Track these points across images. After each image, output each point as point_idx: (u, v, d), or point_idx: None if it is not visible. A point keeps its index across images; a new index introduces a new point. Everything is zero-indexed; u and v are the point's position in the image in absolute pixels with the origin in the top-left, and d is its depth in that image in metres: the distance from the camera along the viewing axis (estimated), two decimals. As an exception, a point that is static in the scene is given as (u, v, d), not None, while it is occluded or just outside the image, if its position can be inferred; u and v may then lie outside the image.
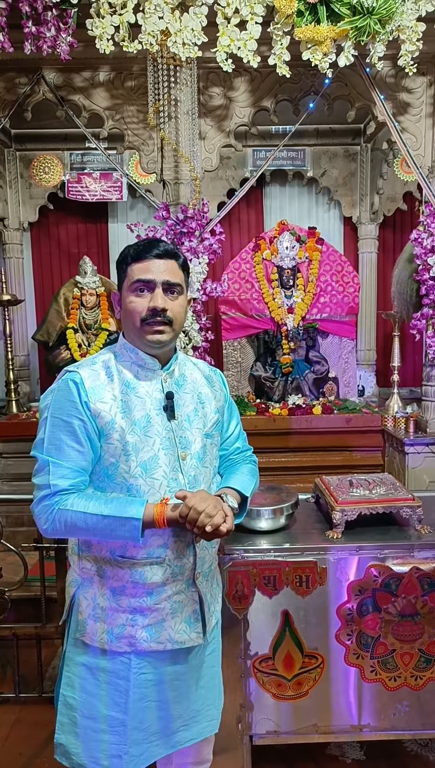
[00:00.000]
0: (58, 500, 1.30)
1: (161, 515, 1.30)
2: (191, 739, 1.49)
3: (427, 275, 3.21)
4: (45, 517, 1.31)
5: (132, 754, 1.39)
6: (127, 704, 1.38)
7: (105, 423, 1.33)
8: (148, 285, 1.36)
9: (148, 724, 1.41)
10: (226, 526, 1.31)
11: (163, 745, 1.44)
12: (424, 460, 3.31)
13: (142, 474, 1.34)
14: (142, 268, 1.36)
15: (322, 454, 3.63)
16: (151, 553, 1.35)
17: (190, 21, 2.65)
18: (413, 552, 1.83)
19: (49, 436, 1.33)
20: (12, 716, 2.37)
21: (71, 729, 1.42)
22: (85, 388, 1.33)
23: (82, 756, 1.41)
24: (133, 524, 1.27)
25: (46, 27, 2.65)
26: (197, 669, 1.47)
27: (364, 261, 4.65)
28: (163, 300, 1.36)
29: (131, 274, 1.37)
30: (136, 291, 1.36)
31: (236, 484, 1.48)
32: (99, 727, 1.39)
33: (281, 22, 2.68)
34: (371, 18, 2.63)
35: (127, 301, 1.38)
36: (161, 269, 1.36)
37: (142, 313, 1.35)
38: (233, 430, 1.59)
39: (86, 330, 4.14)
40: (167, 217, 3.19)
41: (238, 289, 3.96)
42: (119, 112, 3.19)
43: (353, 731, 1.92)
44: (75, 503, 1.29)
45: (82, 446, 1.33)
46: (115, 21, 2.65)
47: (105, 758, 1.40)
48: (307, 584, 1.82)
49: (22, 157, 4.43)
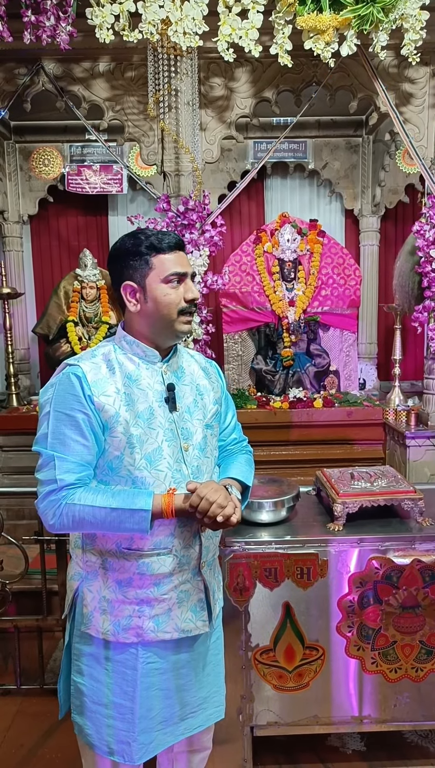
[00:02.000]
0: (65, 495, 1.30)
1: (169, 505, 1.30)
2: (199, 726, 1.50)
3: (429, 267, 3.20)
4: (52, 512, 1.31)
5: (141, 742, 1.40)
6: (135, 693, 1.38)
7: (109, 416, 1.32)
8: (181, 277, 1.38)
9: (156, 713, 1.42)
10: (236, 516, 1.33)
11: (172, 732, 1.45)
12: (425, 453, 3.31)
13: (146, 466, 1.34)
14: (175, 260, 1.37)
15: (323, 447, 3.63)
16: (159, 543, 1.35)
17: (190, 10, 2.62)
18: (414, 544, 1.83)
19: (53, 431, 1.32)
20: (13, 708, 2.38)
21: (84, 711, 1.44)
22: (88, 382, 1.32)
23: (93, 738, 1.44)
24: (141, 515, 1.27)
25: (45, 16, 2.63)
26: (203, 656, 1.48)
27: (365, 253, 4.63)
28: (195, 290, 1.40)
29: (161, 267, 1.36)
30: (170, 283, 1.36)
31: (237, 474, 1.49)
32: (108, 713, 1.41)
33: (283, 10, 2.65)
34: (374, 6, 2.60)
35: (162, 293, 1.36)
36: (186, 261, 1.40)
37: (180, 304, 1.37)
38: (230, 421, 1.61)
39: (86, 323, 4.13)
40: (168, 209, 3.18)
41: (239, 281, 3.94)
42: (119, 103, 3.17)
43: (354, 722, 1.93)
44: (82, 497, 1.29)
45: (87, 440, 1.32)
46: (115, 10, 2.62)
47: (114, 743, 1.41)
48: (308, 576, 1.82)
49: (21, 150, 4.40)
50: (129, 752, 1.40)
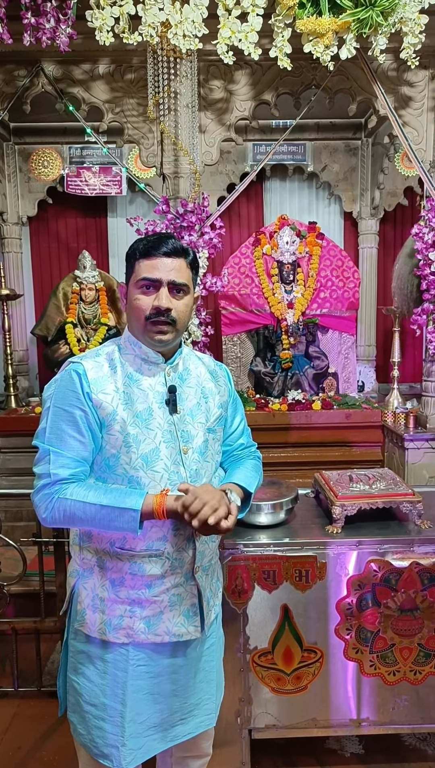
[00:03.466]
0: (58, 489, 1.30)
1: (161, 506, 1.29)
2: (189, 733, 1.48)
3: (427, 270, 3.20)
4: (44, 505, 1.32)
5: (129, 747, 1.39)
6: (125, 696, 1.38)
7: (106, 414, 1.33)
8: (154, 283, 1.35)
9: (145, 717, 1.41)
10: (227, 523, 1.29)
11: (162, 739, 1.44)
12: (424, 456, 3.31)
13: (142, 466, 1.34)
14: (150, 266, 1.34)
15: (322, 449, 3.63)
16: (151, 545, 1.35)
17: (190, 12, 2.63)
18: (413, 547, 1.83)
19: (51, 426, 1.34)
20: (11, 710, 2.37)
21: (78, 710, 1.44)
22: (88, 379, 1.33)
23: (85, 738, 1.44)
24: (131, 515, 1.27)
25: (45, 18, 2.63)
26: (195, 662, 1.47)
27: (364, 256, 4.64)
28: (168, 300, 1.34)
29: (138, 271, 1.36)
30: (142, 288, 1.35)
31: (240, 479, 1.48)
32: (99, 714, 1.40)
33: (283, 13, 2.65)
34: (374, 10, 2.61)
35: (133, 297, 1.37)
36: (168, 268, 1.34)
37: (147, 311, 1.35)
38: (238, 426, 1.59)
39: (85, 324, 4.13)
40: (167, 211, 3.18)
41: (238, 284, 3.95)
42: (119, 105, 3.17)
43: (352, 725, 1.92)
44: (74, 492, 1.30)
45: (83, 436, 1.33)
46: (115, 12, 2.63)
47: (104, 746, 1.40)
48: (306, 579, 1.82)
49: (20, 151, 4.41)
50: (117, 756, 1.39)
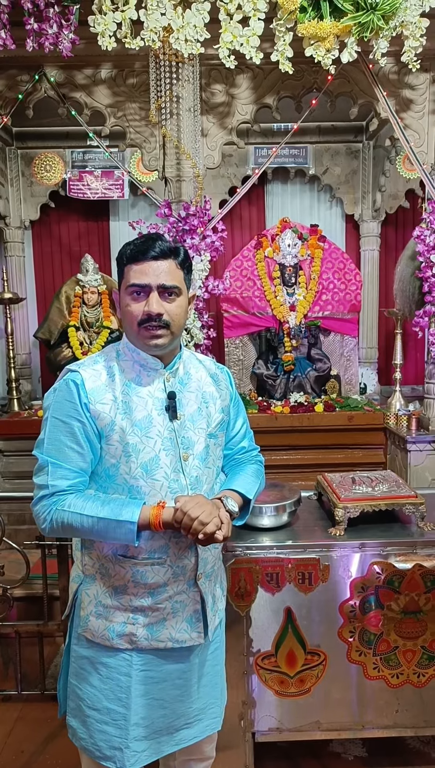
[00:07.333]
0: (56, 500, 1.30)
1: (157, 518, 1.28)
2: (194, 737, 1.48)
3: (429, 272, 3.20)
4: (43, 516, 1.32)
5: (133, 750, 1.39)
6: (129, 700, 1.38)
7: (105, 424, 1.32)
8: (143, 289, 1.32)
9: (150, 722, 1.41)
10: (221, 534, 1.28)
11: (166, 743, 1.44)
12: (427, 458, 3.30)
13: (142, 475, 1.33)
14: (138, 271, 1.32)
15: (324, 451, 3.62)
16: (152, 554, 1.35)
17: (192, 17, 2.64)
18: (416, 549, 1.83)
19: (50, 437, 1.33)
20: (14, 714, 2.37)
21: (78, 714, 1.44)
22: (86, 390, 1.32)
23: (86, 742, 1.43)
24: (127, 527, 1.26)
25: (48, 24, 2.65)
26: (199, 667, 1.47)
27: (366, 258, 4.64)
28: (159, 305, 1.32)
29: (127, 277, 1.34)
30: (132, 294, 1.34)
31: (239, 486, 1.46)
32: (102, 718, 1.40)
33: (284, 18, 2.67)
34: (375, 14, 2.62)
35: (124, 304, 1.36)
36: (157, 272, 1.32)
37: (139, 317, 1.33)
38: (239, 429, 1.56)
39: (88, 328, 4.13)
40: (169, 215, 3.19)
41: (240, 286, 3.95)
42: (121, 110, 3.18)
43: (355, 728, 1.92)
44: (72, 504, 1.29)
45: (82, 448, 1.32)
46: (117, 17, 2.64)
47: (107, 749, 1.40)
48: (309, 581, 1.82)
49: (23, 155, 4.42)
50: (121, 758, 1.39)
